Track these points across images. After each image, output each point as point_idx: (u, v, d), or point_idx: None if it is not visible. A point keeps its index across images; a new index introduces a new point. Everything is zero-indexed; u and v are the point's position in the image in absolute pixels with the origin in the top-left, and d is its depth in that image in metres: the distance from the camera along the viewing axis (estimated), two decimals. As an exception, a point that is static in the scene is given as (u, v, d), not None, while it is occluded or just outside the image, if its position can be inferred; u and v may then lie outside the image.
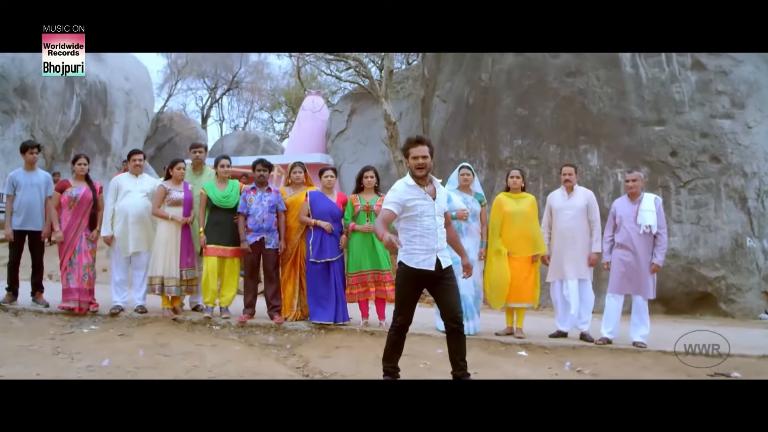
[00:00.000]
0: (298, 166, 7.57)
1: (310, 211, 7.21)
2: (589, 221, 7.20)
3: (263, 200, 7.26)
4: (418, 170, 4.86)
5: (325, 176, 7.30)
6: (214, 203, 7.29)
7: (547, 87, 11.15)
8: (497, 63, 11.73)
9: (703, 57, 10.66)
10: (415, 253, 4.84)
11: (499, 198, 7.35)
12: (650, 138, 10.54)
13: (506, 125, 11.51)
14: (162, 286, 7.25)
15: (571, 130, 10.96)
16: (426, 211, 4.83)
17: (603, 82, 10.85)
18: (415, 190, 4.86)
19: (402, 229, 4.97)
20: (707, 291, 10.29)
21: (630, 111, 10.67)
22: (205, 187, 7.35)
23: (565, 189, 7.26)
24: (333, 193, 7.39)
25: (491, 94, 11.79)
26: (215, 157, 7.76)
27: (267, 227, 7.24)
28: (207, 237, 7.28)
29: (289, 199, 7.44)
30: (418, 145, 4.88)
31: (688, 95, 10.58)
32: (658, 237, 6.84)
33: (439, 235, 4.88)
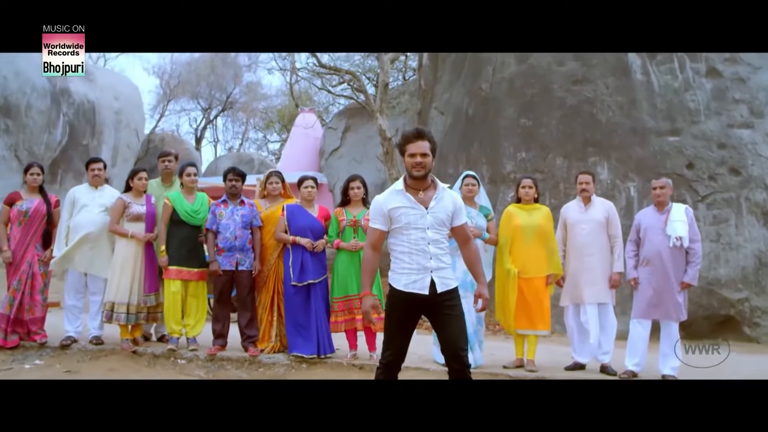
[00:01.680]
0: (275, 176, 6.57)
1: (288, 226, 6.19)
2: (609, 236, 6.22)
3: (235, 214, 6.26)
4: (416, 170, 3.92)
5: (305, 187, 6.31)
6: (180, 217, 6.29)
7: (553, 96, 10.24)
8: (498, 72, 10.83)
9: (719, 64, 9.81)
10: (403, 272, 3.92)
11: (509, 210, 6.38)
12: (664, 149, 9.62)
13: (509, 137, 10.59)
14: (121, 313, 6.23)
15: (579, 141, 10.04)
16: (413, 222, 3.96)
17: (612, 90, 9.98)
18: (401, 197, 3.99)
19: (389, 243, 4.03)
20: (730, 314, 9.34)
21: (642, 121, 9.76)
22: (171, 198, 6.35)
23: (582, 200, 6.27)
24: (314, 206, 6.39)
25: (492, 104, 10.87)
26: (180, 165, 6.76)
27: (240, 246, 6.24)
28: (169, 257, 6.26)
29: (264, 213, 6.43)
30: (417, 140, 3.95)
31: (703, 104, 9.70)
32: (691, 251, 5.89)
33: (431, 251, 3.94)
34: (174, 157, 7.06)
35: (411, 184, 4.02)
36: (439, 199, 4.03)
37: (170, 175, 6.96)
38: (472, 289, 5.38)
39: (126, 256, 6.31)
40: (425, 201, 3.98)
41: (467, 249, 4.20)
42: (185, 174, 6.48)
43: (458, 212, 4.14)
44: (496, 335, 8.92)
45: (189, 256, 6.35)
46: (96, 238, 6.46)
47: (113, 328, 6.55)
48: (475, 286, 4.35)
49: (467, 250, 4.20)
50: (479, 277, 4.21)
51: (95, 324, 6.54)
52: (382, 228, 4.00)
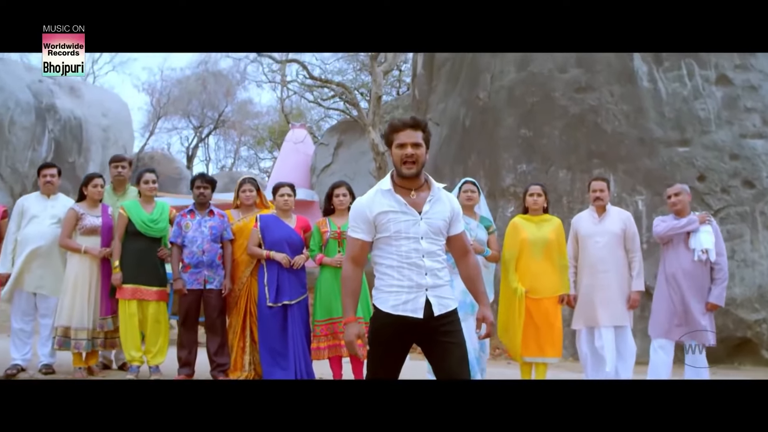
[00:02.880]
0: (249, 183, 5.82)
1: (262, 240, 5.41)
2: (627, 251, 5.47)
3: (203, 226, 5.50)
4: (406, 166, 3.18)
5: (280, 195, 5.57)
6: (137, 228, 5.52)
7: (555, 104, 9.57)
8: (497, 79, 10.17)
9: (729, 71, 9.21)
10: (391, 291, 3.17)
11: (515, 222, 5.62)
12: (674, 160, 8.96)
13: (508, 148, 9.88)
14: (75, 339, 5.43)
15: (583, 152, 9.36)
16: (404, 230, 3.21)
17: (617, 98, 9.34)
18: (389, 199, 3.26)
19: (373, 257, 3.30)
20: (746, 336, 8.64)
21: (649, 130, 9.11)
22: (126, 207, 5.59)
23: (595, 210, 5.52)
24: (291, 216, 5.61)
25: (491, 114, 10.18)
26: (137, 172, 5.99)
27: (208, 261, 5.47)
28: (123, 274, 5.46)
29: (237, 225, 5.66)
30: (408, 128, 3.22)
31: (714, 113, 9.08)
32: (716, 267, 5.18)
33: (427, 265, 3.19)
34: (128, 163, 6.28)
35: (400, 183, 3.27)
36: (434, 201, 3.28)
37: (123, 182, 6.21)
38: (473, 312, 4.60)
39: (79, 274, 5.52)
40: (418, 204, 3.24)
41: (466, 263, 3.44)
42: (143, 181, 5.72)
43: (456, 218, 3.39)
44: (497, 360, 8.18)
45: (147, 273, 5.58)
46: (46, 253, 5.66)
47: (66, 355, 5.76)
48: (476, 308, 3.60)
49: (466, 265, 3.44)
50: (481, 297, 3.44)
51: (46, 351, 5.72)
52: (365, 238, 3.24)
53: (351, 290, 3.26)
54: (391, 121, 3.32)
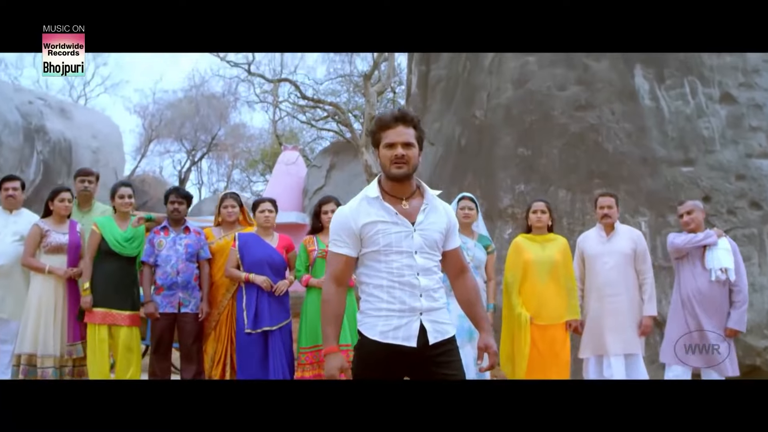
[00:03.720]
0: (231, 198, 5.39)
1: (240, 260, 4.96)
2: (638, 272, 5.07)
3: (178, 244, 5.08)
4: (396, 167, 2.76)
5: (260, 211, 5.16)
6: (110, 247, 5.07)
7: (554, 123, 9.20)
8: (493, 97, 9.80)
9: (733, 89, 8.89)
10: (379, 316, 2.76)
11: (518, 242, 5.21)
12: (677, 180, 8.58)
13: (506, 168, 9.47)
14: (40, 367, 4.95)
15: (584, 172, 8.95)
16: (396, 243, 2.83)
17: (619, 116, 9.00)
18: (377, 208, 2.88)
19: (358, 275, 2.90)
20: (755, 364, 8.06)
21: (652, 149, 8.75)
22: (100, 224, 5.15)
23: (603, 228, 5.10)
24: (273, 234, 5.17)
25: (487, 132, 9.79)
26: (112, 186, 5.57)
27: (183, 283, 5.03)
28: (94, 296, 4.99)
29: (218, 244, 5.22)
30: (398, 125, 2.81)
31: (718, 132, 8.73)
32: (736, 289, 4.78)
33: (421, 285, 2.77)
34: (95, 178, 5.84)
35: (390, 190, 2.85)
36: (429, 210, 2.87)
37: (89, 198, 5.79)
38: (471, 339, 4.14)
39: (43, 296, 5.08)
40: (410, 213, 2.84)
41: (463, 283, 3.01)
42: (118, 196, 5.30)
43: (453, 231, 2.98)
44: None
45: (119, 296, 5.14)
46: (7, 273, 5.24)
47: (28, 384, 5.20)
48: (475, 335, 3.16)
49: (464, 285, 3.01)
50: (482, 322, 3.00)
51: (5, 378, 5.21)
52: (349, 253, 2.84)
53: (333, 315, 2.82)
54: (378, 115, 2.90)
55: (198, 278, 5.17)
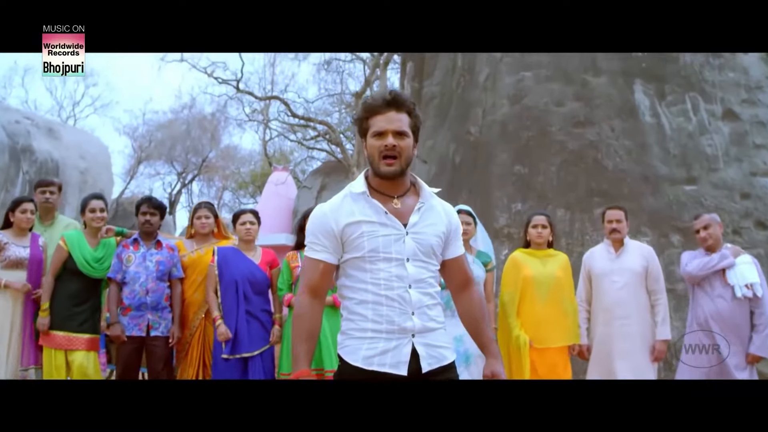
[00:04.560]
0: (205, 209, 4.95)
1: (219, 277, 4.51)
2: (649, 292, 4.64)
3: (148, 260, 4.62)
4: (386, 162, 2.37)
5: (241, 223, 4.72)
6: (78, 267, 4.60)
7: (551, 140, 8.86)
8: (489, 113, 9.46)
9: (735, 105, 8.62)
10: (363, 337, 2.33)
11: (516, 258, 4.78)
12: (680, 199, 8.25)
13: (502, 186, 9.07)
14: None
15: (583, 190, 8.59)
16: (383, 248, 2.37)
17: (619, 133, 8.69)
18: (362, 205, 2.43)
19: (339, 287, 2.44)
20: (765, 393, 7.71)
21: (653, 167, 8.42)
22: (68, 240, 4.71)
23: (611, 244, 4.67)
24: (255, 248, 4.72)
25: (482, 150, 9.43)
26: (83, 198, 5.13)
27: (153, 303, 4.58)
28: (53, 317, 4.53)
29: (190, 257, 4.76)
30: (389, 110, 2.39)
31: (721, 149, 8.45)
32: (757, 312, 4.36)
33: (414, 300, 2.33)
34: (57, 189, 5.40)
35: (378, 187, 2.44)
36: (425, 210, 2.44)
37: (51, 211, 5.34)
38: (468, 365, 3.70)
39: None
40: (403, 214, 2.41)
41: (468, 298, 2.58)
42: (89, 209, 4.86)
43: (455, 235, 2.55)
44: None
45: (80, 318, 4.65)
46: (-40, 289, 4.73)
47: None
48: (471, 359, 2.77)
49: (468, 300, 2.58)
50: (489, 346, 2.56)
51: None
52: (328, 259, 2.41)
53: (306, 332, 2.38)
54: (366, 99, 2.48)
55: (169, 298, 4.71)
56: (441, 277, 2.58)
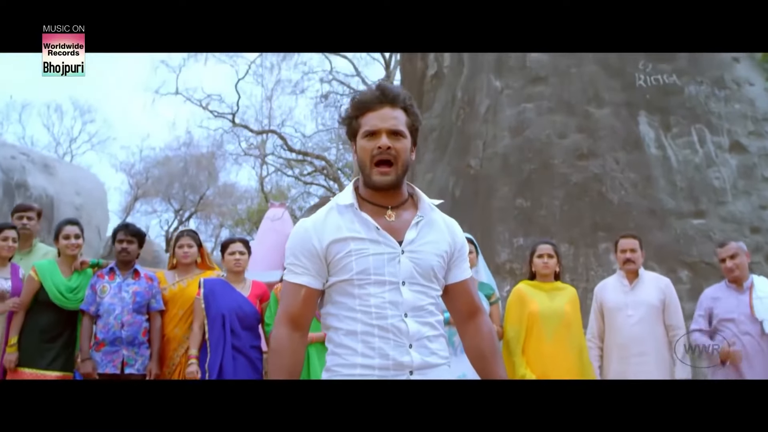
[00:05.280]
0: (188, 237, 4.60)
1: (205, 311, 4.15)
2: (667, 327, 4.26)
3: (124, 291, 4.27)
4: (379, 169, 2.05)
5: (230, 253, 4.37)
6: (50, 298, 4.24)
7: (554, 172, 8.60)
8: (489, 146, 9.20)
9: (743, 137, 8.39)
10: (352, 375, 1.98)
11: (521, 291, 4.42)
12: (688, 233, 7.95)
13: (503, 220, 8.80)
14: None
15: (587, 224, 8.30)
16: (375, 269, 2.02)
17: (624, 165, 8.43)
18: (351, 219, 2.08)
19: (323, 316, 2.08)
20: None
21: (660, 201, 8.15)
22: (39, 269, 4.36)
23: (625, 275, 4.32)
24: (244, 281, 4.36)
25: (483, 183, 9.16)
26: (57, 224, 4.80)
27: (129, 338, 4.21)
28: (22, 354, 4.15)
29: (171, 290, 4.40)
30: (383, 106, 2.05)
31: (729, 182, 8.19)
32: None
33: (411, 331, 2.00)
34: (36, 214, 5.07)
35: (369, 197, 2.10)
36: (424, 225, 2.11)
37: (29, 238, 5.00)
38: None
39: None
40: (398, 229, 2.07)
41: (476, 329, 2.23)
42: (62, 236, 4.51)
43: (460, 256, 2.20)
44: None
45: (51, 355, 4.28)
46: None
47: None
48: None
49: (476, 332, 2.23)
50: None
51: None
52: (310, 283, 2.06)
53: (286, 371, 2.05)
54: (355, 95, 2.16)
55: (147, 333, 4.34)
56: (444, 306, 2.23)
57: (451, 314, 2.26)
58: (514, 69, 9.18)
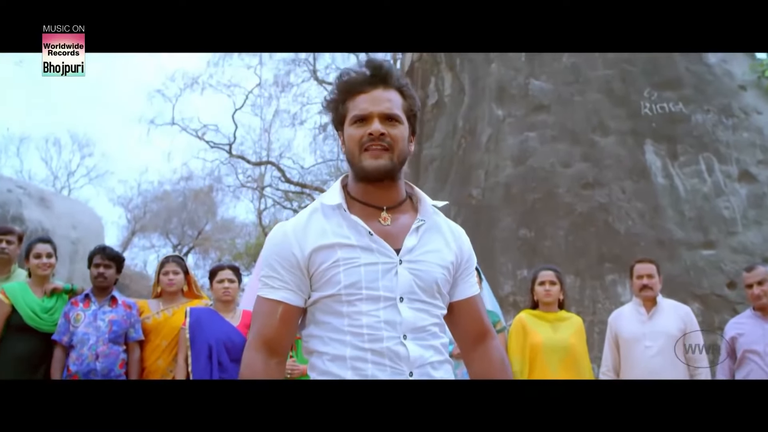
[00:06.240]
0: (173, 263, 4.28)
1: (190, 342, 3.82)
2: (688, 360, 3.90)
3: (100, 319, 3.95)
4: (371, 153, 1.72)
5: (219, 280, 4.04)
6: (24, 320, 3.95)
7: (559, 202, 8.35)
8: (492, 175, 8.95)
9: (752, 167, 8.16)
10: None
11: (523, 321, 4.11)
12: (698, 265, 7.65)
13: (506, 251, 8.52)
14: None
15: (593, 255, 8.00)
16: (368, 281, 1.69)
17: (630, 195, 8.17)
18: (338, 222, 1.76)
19: (305, 338, 1.76)
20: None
21: (668, 231, 7.87)
22: (9, 291, 4.06)
23: (642, 303, 3.99)
24: (234, 310, 4.05)
25: (485, 213, 8.88)
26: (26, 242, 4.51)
27: (104, 371, 3.90)
28: None
29: (153, 320, 4.08)
30: (374, 87, 1.75)
31: (739, 212, 7.94)
32: None
33: (412, 357, 1.68)
34: (16, 238, 4.76)
35: (361, 196, 1.81)
36: (426, 230, 1.80)
37: (7, 263, 4.69)
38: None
39: None
40: (394, 235, 1.77)
41: (485, 355, 1.92)
42: (33, 255, 4.23)
43: (466, 267, 1.88)
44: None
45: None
46: None
47: None
48: None
49: (485, 358, 1.92)
50: None
51: None
52: (289, 299, 1.75)
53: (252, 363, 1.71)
54: (341, 74, 1.86)
55: (125, 365, 4.00)
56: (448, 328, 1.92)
57: (456, 338, 1.94)
58: (516, 97, 8.99)
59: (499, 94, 9.16)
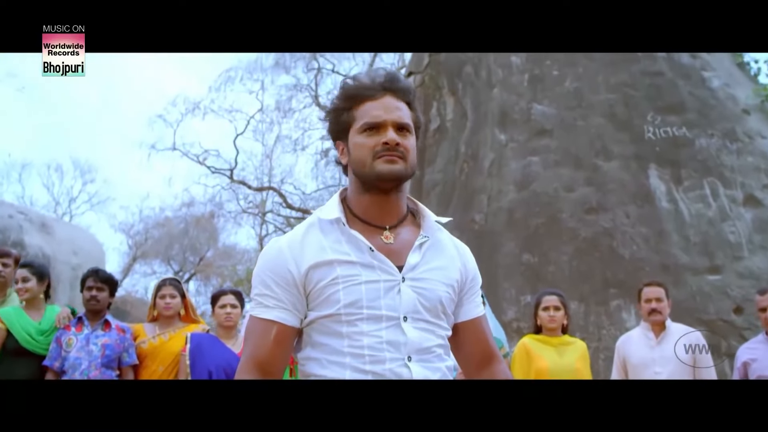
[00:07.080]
0: (170, 286, 4.17)
1: (190, 368, 3.70)
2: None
3: (92, 343, 3.82)
4: (385, 159, 1.62)
5: (221, 306, 3.93)
6: (21, 344, 3.83)
7: (562, 227, 8.28)
8: (494, 200, 8.88)
9: (757, 191, 8.12)
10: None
11: (527, 346, 4.01)
12: (704, 290, 7.55)
13: (509, 277, 8.44)
14: None
15: (598, 281, 7.93)
16: (369, 301, 1.57)
17: (634, 219, 8.10)
18: (336, 238, 1.64)
19: (300, 361, 1.64)
20: None
21: (673, 256, 7.79)
22: (4, 315, 3.98)
23: (651, 328, 3.87)
24: (235, 336, 3.93)
25: (488, 239, 8.80)
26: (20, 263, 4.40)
27: None
28: None
29: (149, 344, 3.96)
30: (384, 94, 1.65)
31: (745, 236, 7.87)
32: None
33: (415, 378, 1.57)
34: (12, 261, 4.65)
35: (362, 211, 1.70)
36: (430, 247, 1.70)
37: (4, 286, 4.57)
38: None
39: None
40: (397, 252, 1.66)
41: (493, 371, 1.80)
42: (21, 279, 4.10)
43: (471, 286, 1.79)
44: None
45: None
46: None
47: None
48: None
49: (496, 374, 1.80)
50: None
51: None
52: (284, 319, 1.63)
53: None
54: (346, 81, 1.76)
55: None
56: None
57: (460, 362, 1.82)
58: (519, 122, 8.95)
59: (502, 118, 9.13)
